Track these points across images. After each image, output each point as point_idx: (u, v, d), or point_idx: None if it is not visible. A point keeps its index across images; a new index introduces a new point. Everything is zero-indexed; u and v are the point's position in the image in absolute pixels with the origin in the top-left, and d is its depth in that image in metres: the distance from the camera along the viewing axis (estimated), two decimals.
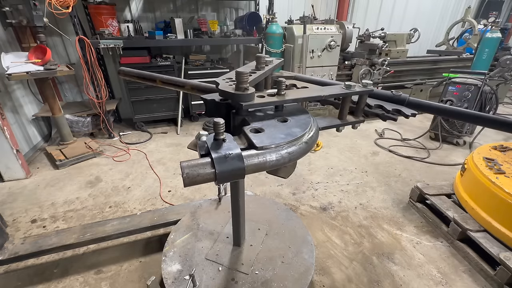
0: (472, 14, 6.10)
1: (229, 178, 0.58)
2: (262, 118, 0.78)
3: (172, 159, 3.21)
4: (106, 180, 2.81)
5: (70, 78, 3.95)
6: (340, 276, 1.76)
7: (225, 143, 0.60)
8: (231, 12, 4.61)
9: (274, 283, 1.36)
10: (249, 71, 1.00)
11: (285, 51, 4.07)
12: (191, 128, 4.19)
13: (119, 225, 1.86)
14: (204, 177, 0.55)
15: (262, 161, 0.62)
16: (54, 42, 3.70)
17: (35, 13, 2.68)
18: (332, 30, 4.05)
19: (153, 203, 2.46)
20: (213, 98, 0.79)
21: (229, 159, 0.57)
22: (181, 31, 3.67)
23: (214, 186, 2.63)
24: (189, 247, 1.57)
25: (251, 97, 0.76)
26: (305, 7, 4.97)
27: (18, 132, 3.10)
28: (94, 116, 3.67)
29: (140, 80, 1.33)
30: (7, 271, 1.79)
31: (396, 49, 4.59)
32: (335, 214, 2.33)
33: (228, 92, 0.77)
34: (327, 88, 0.98)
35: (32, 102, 3.48)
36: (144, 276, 1.74)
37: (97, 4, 3.45)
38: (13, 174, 2.77)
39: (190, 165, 0.55)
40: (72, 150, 3.21)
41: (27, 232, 2.11)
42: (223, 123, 0.61)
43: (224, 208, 1.92)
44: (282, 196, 2.57)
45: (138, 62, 3.62)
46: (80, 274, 1.77)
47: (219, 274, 1.42)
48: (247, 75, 0.76)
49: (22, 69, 2.69)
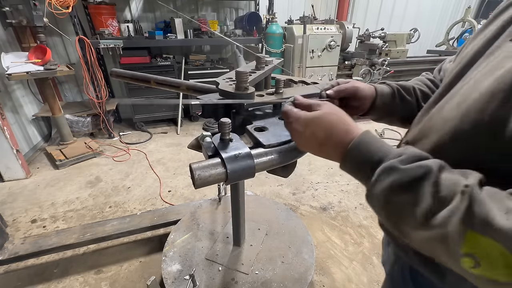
0: (472, 14, 6.10)
1: (240, 177, 0.58)
2: (263, 116, 0.78)
3: (172, 159, 3.21)
4: (106, 180, 2.81)
5: (70, 78, 3.95)
6: (340, 276, 1.76)
7: (232, 143, 0.60)
8: (231, 12, 4.61)
9: (274, 283, 1.36)
10: (249, 71, 1.00)
11: (285, 51, 4.07)
12: (191, 128, 4.19)
13: (119, 225, 1.86)
14: (216, 177, 0.55)
15: (270, 159, 0.62)
16: (54, 42, 3.70)
17: (35, 13, 2.68)
18: (332, 30, 4.05)
19: (153, 203, 2.46)
20: (210, 99, 0.79)
21: (239, 159, 0.57)
22: (181, 31, 3.67)
23: (213, 186, 2.62)
24: (189, 247, 1.57)
25: (252, 97, 0.76)
26: (305, 7, 4.97)
27: (18, 132, 3.10)
28: (94, 116, 3.66)
29: (134, 81, 1.31)
30: (7, 271, 1.79)
31: (396, 49, 4.59)
32: (335, 214, 2.33)
33: (228, 91, 0.77)
34: (323, 85, 1.00)
35: (32, 102, 3.48)
36: (144, 276, 1.74)
37: (97, 4, 3.45)
38: (13, 174, 2.77)
39: (200, 166, 0.54)
40: (72, 150, 3.21)
41: (27, 232, 2.11)
42: (230, 123, 0.61)
43: (224, 208, 1.92)
44: (282, 196, 2.57)
45: (138, 62, 3.63)
46: (80, 274, 1.76)
47: (219, 274, 1.42)
48: (247, 75, 0.76)
49: (22, 69, 2.69)
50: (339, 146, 0.51)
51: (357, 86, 0.74)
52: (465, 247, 0.36)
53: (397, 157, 0.44)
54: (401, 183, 0.42)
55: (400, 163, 0.43)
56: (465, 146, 0.50)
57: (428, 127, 0.60)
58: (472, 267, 0.36)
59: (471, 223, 0.35)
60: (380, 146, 0.48)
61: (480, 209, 0.35)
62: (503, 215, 0.34)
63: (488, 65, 0.50)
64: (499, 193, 0.38)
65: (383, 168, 0.44)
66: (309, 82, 1.11)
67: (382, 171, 0.44)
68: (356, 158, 0.49)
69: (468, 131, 0.48)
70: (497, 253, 0.34)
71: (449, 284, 0.57)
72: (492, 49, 0.52)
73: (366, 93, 0.75)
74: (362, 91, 0.74)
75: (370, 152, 0.47)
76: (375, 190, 0.46)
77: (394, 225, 0.46)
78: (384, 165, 0.44)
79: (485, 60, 0.51)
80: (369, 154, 0.48)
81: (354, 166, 0.50)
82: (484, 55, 0.53)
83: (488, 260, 0.34)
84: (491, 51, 0.52)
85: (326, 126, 0.52)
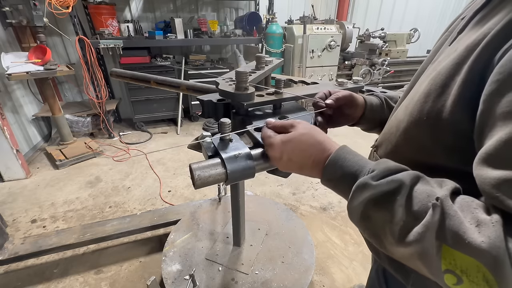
0: None
1: (240, 177, 0.58)
2: (262, 117, 0.78)
3: (172, 159, 3.21)
4: (106, 180, 2.81)
5: (70, 78, 3.95)
6: (340, 276, 1.76)
7: (232, 143, 0.60)
8: (231, 12, 4.61)
9: (274, 283, 1.36)
10: (249, 71, 1.00)
11: (285, 51, 4.06)
12: (191, 128, 4.19)
13: (119, 225, 1.86)
14: (216, 178, 0.55)
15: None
16: (54, 42, 3.70)
17: (35, 13, 2.68)
18: (332, 30, 4.05)
19: (153, 203, 2.46)
20: (210, 99, 0.79)
21: (239, 159, 0.56)
22: (181, 31, 3.67)
23: (214, 186, 2.62)
24: (189, 247, 1.57)
25: (252, 96, 0.76)
26: (305, 7, 4.97)
27: (18, 132, 3.10)
28: (94, 116, 3.66)
29: (134, 81, 1.31)
30: (7, 271, 1.79)
31: (396, 49, 4.59)
32: (335, 214, 2.33)
33: (228, 91, 0.77)
34: (322, 85, 1.01)
35: (32, 102, 3.48)
36: (144, 276, 1.74)
37: (97, 4, 3.45)
38: (13, 174, 2.77)
39: (200, 166, 0.54)
40: (72, 150, 3.20)
41: (27, 232, 2.11)
42: (230, 123, 0.61)
43: (224, 208, 1.92)
44: (282, 196, 2.57)
45: (138, 62, 3.62)
46: (80, 274, 1.76)
47: (219, 274, 1.42)
48: (247, 75, 0.76)
49: (22, 69, 2.69)
50: (316, 166, 0.51)
51: (351, 93, 0.75)
52: (444, 264, 0.35)
53: (370, 172, 0.44)
54: (374, 199, 0.43)
55: (372, 179, 0.43)
56: (415, 144, 0.54)
57: (387, 131, 0.65)
58: (455, 284, 0.35)
59: (444, 238, 0.35)
60: (355, 162, 0.48)
61: (452, 223, 0.35)
62: (474, 228, 0.34)
63: (430, 69, 0.56)
64: (471, 203, 0.37)
65: (357, 185, 0.45)
66: (309, 82, 1.11)
67: (356, 188, 0.45)
68: (333, 175, 0.49)
69: (413, 130, 0.53)
70: (475, 268, 0.33)
71: (414, 283, 0.59)
72: (437, 56, 0.58)
73: (358, 101, 0.77)
74: (356, 98, 0.76)
75: (345, 168, 0.48)
76: (352, 206, 0.46)
77: (375, 242, 0.46)
78: (358, 183, 0.45)
79: (431, 66, 0.57)
80: (344, 170, 0.48)
81: (332, 184, 0.51)
82: (431, 62, 0.59)
83: (468, 277, 0.34)
84: (436, 57, 0.58)
85: (301, 148, 0.52)
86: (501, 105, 0.37)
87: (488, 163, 0.37)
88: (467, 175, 0.41)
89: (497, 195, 0.35)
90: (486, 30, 0.43)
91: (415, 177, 0.42)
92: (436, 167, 0.50)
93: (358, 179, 0.45)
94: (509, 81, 0.36)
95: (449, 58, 0.48)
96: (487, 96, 0.39)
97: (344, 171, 0.47)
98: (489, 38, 0.41)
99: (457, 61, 0.46)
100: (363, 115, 0.78)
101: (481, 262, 0.32)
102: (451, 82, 0.46)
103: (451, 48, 0.52)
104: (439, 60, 0.54)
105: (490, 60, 0.40)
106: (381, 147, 0.67)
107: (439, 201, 0.37)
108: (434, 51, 0.61)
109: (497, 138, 0.36)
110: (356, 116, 0.78)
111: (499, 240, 0.32)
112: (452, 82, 0.45)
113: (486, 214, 0.35)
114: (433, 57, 0.59)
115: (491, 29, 0.42)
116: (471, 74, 0.42)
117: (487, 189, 0.36)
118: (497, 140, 0.36)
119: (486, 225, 0.33)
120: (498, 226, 0.32)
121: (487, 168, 0.37)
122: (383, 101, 0.80)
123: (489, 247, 0.32)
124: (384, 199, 0.42)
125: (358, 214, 0.45)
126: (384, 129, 0.68)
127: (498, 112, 0.37)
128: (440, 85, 0.47)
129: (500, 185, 0.35)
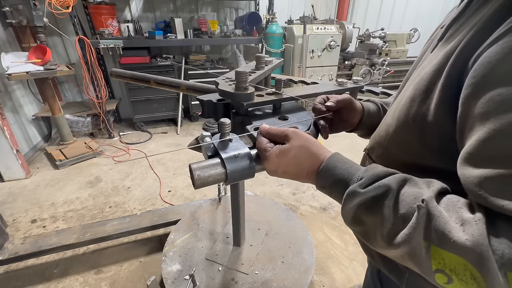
0: None
1: (240, 177, 0.58)
2: (262, 117, 0.78)
3: (172, 159, 3.21)
4: (106, 180, 2.81)
5: (70, 78, 3.95)
6: (340, 276, 1.76)
7: (232, 143, 0.60)
8: (231, 12, 4.61)
9: (274, 283, 1.36)
10: (249, 71, 1.00)
11: (285, 51, 4.07)
12: (191, 128, 4.19)
13: (119, 225, 1.86)
14: (216, 178, 0.55)
15: None
16: (54, 42, 3.70)
17: (35, 13, 2.68)
18: (332, 30, 4.05)
19: (153, 203, 2.46)
20: (210, 99, 0.79)
21: (239, 159, 0.56)
22: (181, 31, 3.67)
23: (214, 186, 2.62)
24: (189, 247, 1.57)
25: (251, 96, 0.76)
26: (305, 7, 4.97)
27: (18, 132, 3.10)
28: (94, 116, 3.66)
29: (134, 81, 1.31)
30: (7, 271, 1.79)
31: (396, 49, 4.59)
32: (335, 214, 2.33)
33: (228, 91, 0.77)
34: (322, 85, 1.02)
35: (32, 102, 3.48)
36: (144, 276, 1.74)
37: (97, 4, 3.45)
38: (13, 174, 2.77)
39: (200, 166, 0.54)
40: (72, 150, 3.20)
41: (27, 232, 2.11)
42: (229, 123, 0.61)
43: (224, 208, 1.92)
44: (282, 196, 2.57)
45: (138, 62, 3.62)
46: (80, 274, 1.77)
47: (219, 274, 1.42)
48: (247, 75, 0.76)
49: (22, 69, 2.69)
50: (311, 175, 0.53)
51: (350, 96, 0.77)
52: (434, 264, 0.36)
53: (359, 180, 0.46)
54: (363, 204, 0.44)
55: (359, 187, 0.45)
56: (405, 147, 0.57)
57: (377, 134, 0.67)
58: (446, 283, 0.36)
59: (431, 238, 0.36)
60: (345, 170, 0.49)
61: (437, 224, 0.36)
62: (458, 227, 0.35)
63: (414, 75, 0.60)
64: (457, 203, 0.38)
65: (347, 193, 0.46)
66: (309, 82, 1.11)
67: (347, 196, 0.46)
68: (325, 183, 0.51)
69: (402, 133, 0.56)
70: (462, 266, 0.34)
71: (408, 284, 0.60)
72: (421, 62, 0.61)
73: (357, 105, 0.79)
74: (355, 102, 0.78)
75: (335, 176, 0.49)
76: (344, 212, 0.48)
77: (369, 244, 0.47)
78: (347, 191, 0.46)
79: (416, 72, 0.60)
80: (335, 178, 0.49)
81: (326, 191, 0.52)
82: (416, 68, 0.62)
83: (457, 275, 0.35)
84: (420, 64, 0.61)
85: (296, 162, 0.54)
86: (477, 107, 0.39)
87: (469, 163, 0.39)
88: (455, 175, 0.42)
89: (480, 193, 0.36)
90: (461, 38, 0.46)
91: (402, 180, 0.44)
92: (426, 168, 0.52)
93: (348, 187, 0.47)
94: (482, 84, 0.38)
95: (431, 65, 0.51)
96: (464, 99, 0.41)
97: (335, 178, 0.49)
98: (462, 45, 0.44)
99: (438, 67, 0.48)
100: (361, 120, 0.80)
101: (467, 260, 0.33)
102: (433, 87, 0.48)
103: (432, 55, 0.55)
104: (423, 66, 0.56)
105: (465, 65, 0.43)
106: (373, 151, 0.70)
107: (425, 203, 0.38)
108: (419, 58, 0.64)
109: (476, 138, 0.38)
110: (354, 122, 0.80)
111: (482, 237, 0.33)
112: (434, 87, 0.48)
113: (470, 212, 0.36)
114: (418, 63, 0.62)
115: (465, 37, 0.45)
116: (450, 79, 0.45)
117: (471, 188, 0.38)
118: (476, 140, 0.38)
119: (469, 224, 0.34)
120: (481, 224, 0.34)
121: (469, 167, 0.39)
122: (380, 107, 0.82)
123: (472, 245, 0.33)
124: (373, 204, 0.43)
125: (350, 218, 0.47)
126: (375, 133, 0.70)
127: (475, 113, 0.39)
128: (423, 90, 0.50)
129: (482, 183, 0.36)
